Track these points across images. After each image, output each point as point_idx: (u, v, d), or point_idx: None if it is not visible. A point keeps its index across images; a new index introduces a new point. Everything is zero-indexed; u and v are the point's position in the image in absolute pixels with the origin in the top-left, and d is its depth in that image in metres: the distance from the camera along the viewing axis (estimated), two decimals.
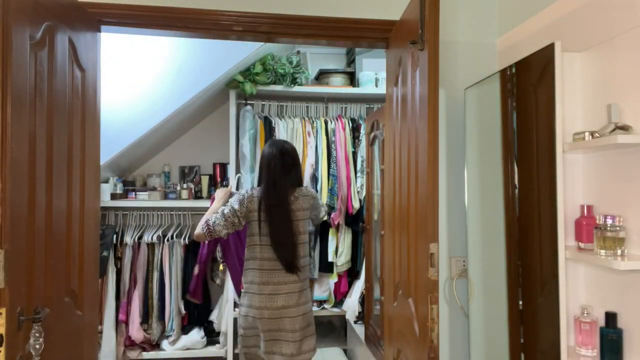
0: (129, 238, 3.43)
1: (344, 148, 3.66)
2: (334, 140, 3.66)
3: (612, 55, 1.58)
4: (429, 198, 1.65)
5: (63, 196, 1.72)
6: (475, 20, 2.33)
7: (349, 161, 3.67)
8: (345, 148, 3.66)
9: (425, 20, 1.68)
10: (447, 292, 2.26)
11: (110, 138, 3.04)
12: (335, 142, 3.66)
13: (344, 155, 3.65)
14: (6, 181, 1.34)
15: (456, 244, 2.27)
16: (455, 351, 2.26)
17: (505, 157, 1.95)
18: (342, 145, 3.65)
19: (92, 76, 2.01)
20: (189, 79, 3.24)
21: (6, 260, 1.34)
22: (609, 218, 1.49)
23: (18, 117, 1.40)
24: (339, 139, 3.66)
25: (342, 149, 3.65)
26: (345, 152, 3.66)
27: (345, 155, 3.66)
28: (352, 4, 2.22)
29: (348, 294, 3.76)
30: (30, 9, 1.50)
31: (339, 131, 3.67)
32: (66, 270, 1.75)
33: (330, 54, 4.17)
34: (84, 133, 1.90)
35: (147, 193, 3.59)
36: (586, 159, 1.70)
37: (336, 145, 3.65)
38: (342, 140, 3.66)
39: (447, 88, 2.26)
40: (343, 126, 3.69)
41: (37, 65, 1.53)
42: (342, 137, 3.67)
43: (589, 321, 1.59)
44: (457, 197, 2.26)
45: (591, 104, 1.67)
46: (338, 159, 3.64)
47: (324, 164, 3.61)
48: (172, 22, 2.10)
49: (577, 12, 1.74)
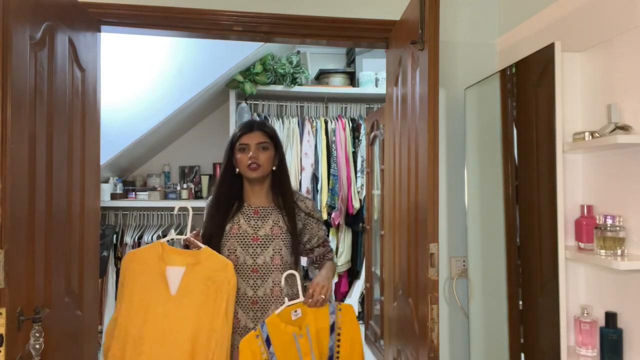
0: (129, 238, 3.44)
1: (344, 148, 3.66)
2: (334, 140, 3.67)
3: (612, 55, 1.58)
4: (429, 198, 1.65)
5: (63, 196, 1.72)
6: (475, 20, 2.32)
7: (349, 161, 3.67)
8: (346, 148, 3.67)
9: (425, 20, 1.68)
10: (447, 292, 2.26)
11: (110, 138, 3.04)
12: (336, 142, 3.66)
13: (344, 155, 3.66)
14: (6, 181, 1.34)
15: (456, 244, 2.27)
16: (455, 351, 2.26)
17: (505, 157, 1.95)
18: (342, 145, 3.66)
19: (92, 76, 2.01)
20: (189, 79, 3.24)
21: (6, 260, 1.34)
22: (609, 218, 1.49)
23: (18, 117, 1.40)
24: (339, 139, 3.66)
25: (342, 149, 3.65)
26: (345, 152, 3.66)
27: (345, 155, 3.66)
28: (352, 4, 2.22)
29: (348, 294, 3.77)
30: (30, 9, 1.50)
31: (339, 131, 3.68)
32: (66, 270, 1.75)
33: (330, 54, 4.17)
34: (84, 133, 1.90)
35: (147, 193, 3.59)
36: (586, 159, 1.70)
37: (336, 145, 3.66)
38: (342, 140, 3.67)
39: (447, 88, 2.26)
40: (343, 126, 3.69)
41: (37, 65, 1.53)
42: (342, 137, 3.67)
43: (589, 321, 1.59)
44: (457, 197, 2.26)
45: (591, 104, 1.67)
46: (338, 158, 3.64)
47: (324, 164, 3.62)
48: (172, 22, 2.10)
49: (577, 12, 1.74)
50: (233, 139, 1.90)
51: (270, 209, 1.89)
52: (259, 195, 1.90)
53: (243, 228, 1.84)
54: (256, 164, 1.83)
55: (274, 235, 1.84)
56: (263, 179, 1.88)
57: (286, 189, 1.91)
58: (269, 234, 1.84)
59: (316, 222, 1.94)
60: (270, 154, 1.88)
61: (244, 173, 1.87)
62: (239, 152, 1.86)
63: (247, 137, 1.86)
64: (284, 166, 1.96)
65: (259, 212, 1.88)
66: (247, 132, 1.87)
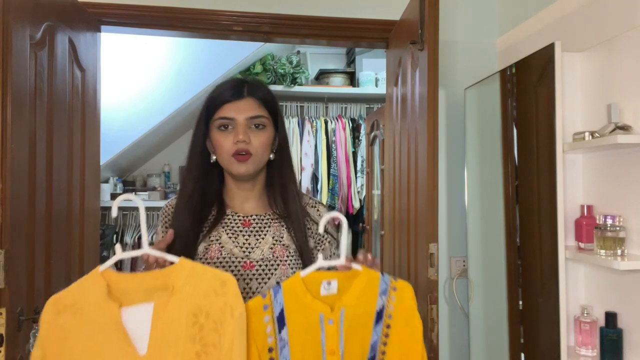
0: (129, 238, 3.44)
1: (344, 148, 3.66)
2: (334, 140, 3.67)
3: (612, 55, 1.58)
4: (429, 198, 1.65)
5: (63, 196, 1.72)
6: (475, 20, 2.32)
7: (349, 161, 3.67)
8: (346, 148, 3.67)
9: (425, 20, 1.68)
10: (447, 292, 2.26)
11: (110, 138, 3.04)
12: (336, 142, 3.66)
13: (344, 155, 3.66)
14: (6, 181, 1.34)
15: (456, 244, 2.27)
16: (455, 351, 2.26)
17: (505, 157, 1.95)
18: (342, 145, 3.66)
19: (92, 76, 2.01)
20: (189, 79, 3.24)
21: (6, 260, 1.34)
22: (609, 218, 1.49)
23: (18, 117, 1.40)
24: (339, 139, 3.67)
25: (342, 149, 3.65)
26: (345, 152, 3.66)
27: (345, 155, 3.66)
28: (352, 4, 2.22)
29: None
30: (30, 9, 1.50)
31: (339, 131, 3.68)
32: (66, 270, 1.75)
33: (330, 54, 4.17)
34: (84, 133, 1.90)
35: (147, 193, 3.59)
36: (586, 159, 1.70)
37: (336, 145, 3.66)
38: (342, 140, 3.67)
39: (447, 88, 2.26)
40: (343, 126, 3.69)
41: (37, 65, 1.53)
42: (342, 137, 3.67)
43: (589, 321, 1.59)
44: (457, 197, 2.26)
45: (591, 104, 1.67)
46: (338, 159, 3.64)
47: (324, 164, 3.61)
48: (172, 22, 2.10)
49: (577, 12, 1.74)
50: (209, 108, 1.22)
51: (267, 218, 1.23)
52: (249, 197, 1.24)
53: (227, 248, 1.17)
54: (246, 152, 1.16)
55: (277, 258, 1.18)
56: (256, 173, 1.22)
57: (290, 188, 1.24)
58: (269, 257, 1.18)
59: (330, 241, 1.28)
60: (268, 136, 1.20)
61: (226, 166, 1.20)
62: (217, 132, 1.19)
63: (232, 108, 1.18)
64: (286, 153, 1.26)
65: (250, 223, 1.22)
66: (233, 98, 1.19)
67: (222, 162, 1.21)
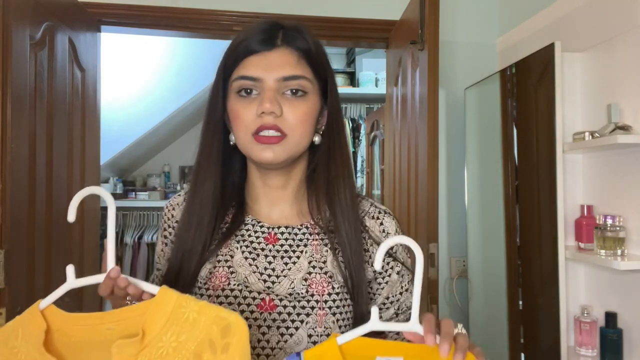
0: (129, 238, 3.44)
1: None
2: None
3: (612, 55, 1.58)
4: (429, 198, 1.65)
5: (63, 196, 1.72)
6: (475, 20, 2.32)
7: None
8: None
9: (425, 20, 1.68)
10: (447, 292, 2.26)
11: (110, 138, 3.04)
12: None
13: None
14: (6, 181, 1.34)
15: (456, 244, 2.27)
16: None
17: (505, 157, 1.95)
18: None
19: (92, 76, 2.01)
20: (189, 79, 3.24)
21: (6, 260, 1.34)
22: (609, 218, 1.49)
23: (18, 117, 1.40)
24: None
25: None
26: None
27: None
28: (352, 4, 2.22)
29: None
30: (30, 9, 1.50)
31: None
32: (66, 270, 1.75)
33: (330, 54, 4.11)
34: (84, 133, 1.90)
35: (147, 193, 3.59)
36: (586, 159, 1.70)
37: None
38: None
39: (447, 88, 2.26)
40: None
41: (37, 65, 1.53)
42: None
43: (589, 321, 1.59)
44: (457, 197, 2.26)
45: (591, 104, 1.67)
46: None
47: None
48: (172, 22, 2.10)
49: (577, 12, 1.74)
50: (227, 63, 0.84)
51: (302, 232, 0.84)
52: (279, 199, 0.86)
53: (240, 275, 0.80)
54: (275, 130, 0.76)
55: (313, 295, 0.78)
56: (289, 164, 0.82)
57: (342, 188, 0.83)
58: (301, 293, 0.78)
59: (399, 270, 0.86)
60: (311, 107, 0.80)
61: (245, 150, 0.81)
62: (236, 99, 0.80)
63: (258, 62, 0.79)
64: (339, 136, 0.85)
65: (277, 239, 0.83)
66: (261, 48, 0.80)
67: (239, 145, 0.81)
